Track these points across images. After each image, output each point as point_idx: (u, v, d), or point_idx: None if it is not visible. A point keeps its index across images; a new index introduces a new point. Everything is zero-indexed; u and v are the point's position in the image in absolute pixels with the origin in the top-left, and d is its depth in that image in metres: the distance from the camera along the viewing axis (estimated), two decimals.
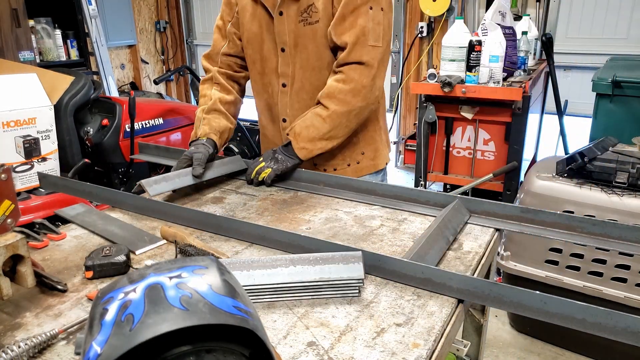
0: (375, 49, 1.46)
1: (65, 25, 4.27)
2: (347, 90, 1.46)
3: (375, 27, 1.45)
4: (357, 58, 1.45)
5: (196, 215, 1.27)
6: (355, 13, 1.43)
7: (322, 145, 1.52)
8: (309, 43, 1.51)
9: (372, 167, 1.71)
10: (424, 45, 4.57)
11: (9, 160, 2.11)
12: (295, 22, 1.50)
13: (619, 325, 0.83)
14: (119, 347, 0.51)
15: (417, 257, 1.03)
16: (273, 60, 1.59)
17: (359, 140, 1.66)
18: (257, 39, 1.59)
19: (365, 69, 1.45)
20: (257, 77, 1.67)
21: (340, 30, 1.45)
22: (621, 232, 1.17)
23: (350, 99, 1.47)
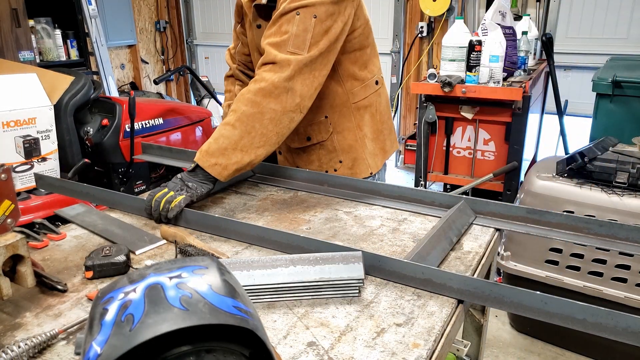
0: (295, 55, 1.34)
1: (65, 25, 4.28)
2: (257, 89, 1.32)
3: (300, 33, 1.33)
4: (270, 59, 1.34)
5: (195, 216, 1.27)
6: (282, 19, 1.36)
7: (238, 158, 1.31)
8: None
9: (350, 175, 1.63)
10: (424, 45, 4.57)
11: (9, 160, 2.10)
12: None
13: (620, 326, 0.83)
14: (119, 347, 0.50)
15: (418, 258, 1.03)
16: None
17: (335, 148, 1.61)
18: (252, 45, 1.64)
19: (277, 67, 1.33)
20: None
21: (267, 34, 1.40)
22: (628, 234, 1.17)
23: (260, 100, 1.32)
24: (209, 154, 1.32)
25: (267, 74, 1.33)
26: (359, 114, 1.60)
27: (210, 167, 1.31)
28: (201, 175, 1.33)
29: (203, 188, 1.32)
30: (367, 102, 1.61)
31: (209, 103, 4.46)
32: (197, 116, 3.44)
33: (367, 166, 1.66)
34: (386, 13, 4.68)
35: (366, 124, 1.63)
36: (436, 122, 3.09)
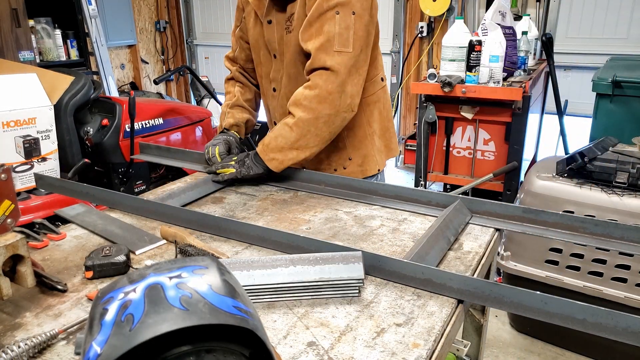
0: (342, 55, 1.39)
1: (65, 25, 4.28)
2: (312, 96, 1.40)
3: (343, 31, 1.38)
4: (321, 64, 1.39)
5: (195, 216, 1.27)
6: (321, 19, 1.38)
7: (293, 155, 1.46)
8: (291, 51, 1.53)
9: (360, 173, 1.66)
10: (424, 45, 4.57)
11: (9, 160, 2.10)
12: (282, 30, 1.52)
13: (620, 326, 0.83)
14: (119, 347, 0.50)
15: (417, 258, 1.03)
16: (268, 65, 1.64)
17: (346, 146, 1.63)
18: (256, 45, 1.64)
19: (330, 74, 1.39)
20: (260, 80, 1.74)
21: (306, 36, 1.42)
22: (623, 233, 1.17)
23: (315, 106, 1.40)
24: (269, 149, 1.47)
25: (320, 80, 1.40)
26: (368, 110, 1.62)
27: (268, 160, 1.48)
28: (261, 161, 1.50)
29: (252, 170, 1.50)
30: (376, 97, 1.63)
31: (209, 103, 4.47)
32: (197, 116, 3.45)
33: (376, 163, 1.68)
34: (386, 13, 4.67)
35: (375, 120, 1.65)
36: (436, 122, 3.09)
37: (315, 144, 1.46)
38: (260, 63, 1.67)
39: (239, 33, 1.73)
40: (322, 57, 1.39)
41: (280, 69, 1.59)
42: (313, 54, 1.40)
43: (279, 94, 1.64)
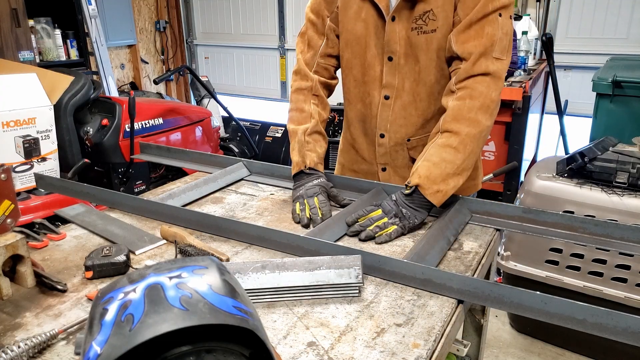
0: (501, 62, 1.27)
1: (65, 25, 4.27)
2: (478, 106, 1.24)
3: (503, 37, 1.26)
4: (483, 69, 1.25)
5: (195, 216, 1.27)
6: (484, 20, 1.25)
7: (455, 182, 1.24)
8: (421, 54, 1.34)
9: (473, 187, 1.53)
10: None
11: (9, 160, 2.10)
12: (407, 29, 1.33)
13: (620, 326, 0.83)
14: (119, 347, 0.50)
15: (417, 258, 1.03)
16: (377, 68, 1.41)
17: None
18: (360, 42, 1.41)
19: (492, 81, 1.26)
20: (353, 84, 1.48)
21: (464, 38, 1.26)
22: (623, 233, 1.17)
23: (480, 117, 1.24)
24: (431, 180, 1.22)
25: (482, 86, 1.26)
26: None
27: (432, 194, 1.23)
28: (417, 201, 1.24)
29: (417, 218, 1.23)
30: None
31: (209, 103, 4.47)
32: (197, 116, 3.45)
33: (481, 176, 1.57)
34: None
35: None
36: None
37: (472, 164, 1.28)
38: (362, 64, 1.43)
39: (332, 25, 1.45)
40: (484, 62, 1.25)
41: (397, 73, 1.38)
42: (474, 57, 1.25)
43: (393, 102, 1.42)
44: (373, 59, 1.40)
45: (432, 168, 1.23)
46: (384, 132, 1.47)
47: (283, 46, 5.27)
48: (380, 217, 1.23)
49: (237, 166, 1.65)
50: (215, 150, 3.60)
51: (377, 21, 1.36)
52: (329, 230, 1.20)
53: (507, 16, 1.28)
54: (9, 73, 2.31)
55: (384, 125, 1.46)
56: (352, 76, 1.47)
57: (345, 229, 1.24)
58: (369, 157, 1.55)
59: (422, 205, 1.24)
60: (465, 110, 1.25)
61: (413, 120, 1.42)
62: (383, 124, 1.46)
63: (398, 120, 1.44)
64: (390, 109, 1.43)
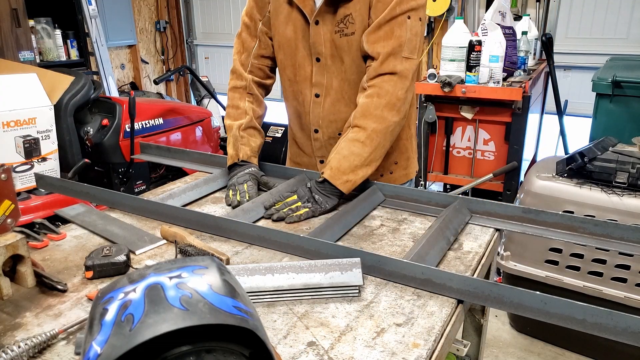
0: (410, 61, 1.36)
1: (65, 25, 4.27)
2: (384, 104, 1.34)
3: (412, 38, 1.35)
4: (390, 69, 1.34)
5: (195, 216, 1.27)
6: (392, 22, 1.33)
7: (364, 172, 1.36)
8: (345, 55, 1.43)
9: (405, 177, 1.64)
10: (424, 45, 4.57)
11: (9, 160, 2.10)
12: (331, 32, 1.41)
13: (619, 326, 0.83)
14: (119, 347, 0.51)
15: (417, 258, 1.03)
16: (307, 68, 1.50)
17: (393, 150, 1.55)
18: (290, 45, 1.49)
19: (399, 80, 1.35)
20: (287, 83, 1.58)
21: (374, 38, 1.35)
22: (623, 233, 1.17)
23: (386, 115, 1.35)
24: (341, 171, 1.34)
25: (389, 85, 1.34)
26: (409, 111, 1.56)
27: (342, 184, 1.34)
28: (329, 189, 1.35)
29: (328, 203, 1.34)
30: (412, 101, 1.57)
31: (209, 103, 4.47)
32: (197, 116, 3.45)
33: (415, 166, 1.68)
34: None
35: (412, 122, 1.65)
36: (436, 122, 3.09)
37: (380, 156, 1.39)
38: (293, 65, 1.52)
39: (264, 29, 1.54)
40: (392, 61, 1.34)
41: (325, 73, 1.47)
42: (382, 57, 1.34)
43: (323, 99, 1.51)
44: (303, 60, 1.49)
45: (342, 160, 1.34)
46: (317, 127, 1.57)
47: None
48: (294, 202, 1.34)
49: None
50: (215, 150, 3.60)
51: (303, 25, 1.45)
52: (329, 230, 1.20)
53: (417, 18, 1.36)
54: (9, 73, 2.31)
55: (317, 122, 1.56)
56: (286, 76, 1.56)
57: (344, 229, 1.25)
58: (307, 150, 1.66)
59: (333, 192, 1.36)
60: (372, 107, 1.35)
61: (343, 116, 1.50)
62: (315, 120, 1.55)
63: (329, 117, 1.53)
64: (321, 106, 1.52)
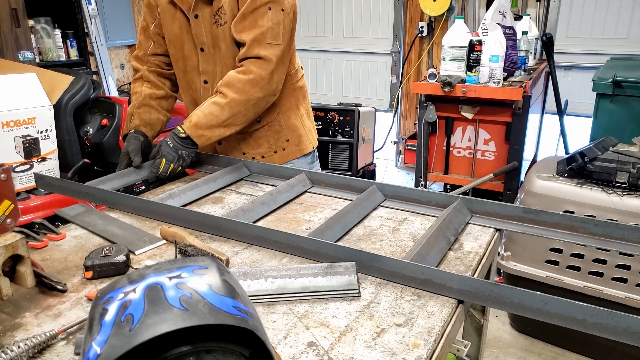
0: (274, 47, 1.55)
1: (64, 25, 4.27)
2: (246, 80, 1.54)
3: (274, 26, 1.54)
4: (255, 53, 1.54)
5: (195, 216, 1.27)
6: (255, 13, 1.52)
7: (220, 132, 1.59)
8: (221, 43, 1.61)
9: (298, 152, 1.83)
10: (424, 45, 4.57)
11: (9, 160, 2.10)
12: (210, 24, 1.59)
13: (620, 326, 0.82)
14: (118, 347, 0.50)
15: (417, 258, 1.03)
16: (194, 59, 1.68)
17: (282, 129, 1.77)
18: (178, 40, 1.68)
19: (263, 62, 1.55)
20: (181, 74, 1.76)
21: (240, 28, 1.55)
22: (623, 233, 1.17)
23: (249, 89, 1.55)
24: (198, 126, 1.56)
25: (254, 67, 1.55)
26: (295, 94, 1.79)
27: (197, 137, 1.57)
28: (189, 142, 1.58)
29: (190, 156, 1.61)
30: (301, 83, 1.82)
31: None
32: None
33: (310, 141, 1.86)
34: (386, 13, 4.67)
35: (301, 103, 1.83)
36: (436, 122, 3.09)
37: (241, 122, 1.61)
38: (183, 57, 1.70)
39: (155, 29, 1.75)
40: (256, 47, 1.54)
41: (210, 61, 1.66)
42: (248, 44, 1.54)
43: (211, 85, 1.69)
44: (190, 52, 1.68)
45: (202, 118, 1.56)
46: None
47: None
48: (168, 168, 1.57)
49: (237, 166, 1.65)
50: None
51: (186, 20, 1.63)
52: (329, 231, 1.20)
53: (278, 10, 1.55)
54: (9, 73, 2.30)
55: None
56: (179, 68, 1.75)
57: (344, 229, 1.25)
58: None
59: (193, 144, 1.59)
60: (236, 80, 1.55)
61: None
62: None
63: None
64: (210, 92, 1.69)
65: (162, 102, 1.80)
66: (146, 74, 1.79)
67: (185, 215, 1.28)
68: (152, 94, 1.77)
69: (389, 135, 4.66)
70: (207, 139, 1.59)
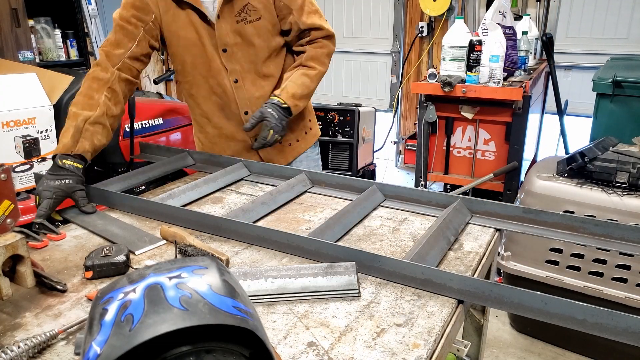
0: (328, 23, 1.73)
1: (65, 25, 4.27)
2: (326, 53, 1.72)
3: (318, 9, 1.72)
4: (326, 33, 1.71)
5: (195, 216, 1.27)
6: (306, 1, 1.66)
7: (304, 103, 1.71)
8: (254, 39, 1.64)
9: (314, 136, 1.94)
10: (424, 45, 4.57)
11: (9, 160, 2.10)
12: (233, 23, 1.60)
13: (620, 326, 0.83)
14: (118, 347, 0.50)
15: (417, 258, 1.03)
16: (216, 61, 1.65)
17: (305, 110, 1.84)
18: (196, 45, 1.63)
19: (332, 38, 1.74)
20: (201, 80, 1.69)
21: (306, 16, 1.66)
22: (623, 233, 1.17)
23: (327, 61, 1.74)
24: (295, 97, 1.65)
25: (327, 42, 1.72)
26: None
27: (294, 107, 1.65)
28: (288, 111, 1.65)
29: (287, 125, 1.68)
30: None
31: None
32: None
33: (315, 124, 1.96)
34: (386, 13, 4.67)
35: None
36: (436, 122, 3.09)
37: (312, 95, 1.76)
38: (203, 62, 1.64)
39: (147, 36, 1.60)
40: (326, 26, 1.71)
41: (235, 59, 1.66)
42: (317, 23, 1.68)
43: (243, 83, 1.69)
44: (211, 54, 1.65)
45: (297, 88, 1.65)
46: (247, 109, 1.72)
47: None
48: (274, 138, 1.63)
49: (237, 166, 1.65)
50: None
51: (204, 23, 1.61)
52: (329, 231, 1.20)
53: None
54: (9, 73, 2.30)
55: (245, 104, 1.72)
56: (199, 73, 1.69)
57: (344, 229, 1.25)
58: (240, 136, 1.78)
59: (289, 114, 1.66)
60: (319, 54, 1.71)
61: (266, 90, 1.73)
62: (243, 102, 1.72)
63: (254, 95, 1.72)
64: (244, 89, 1.70)
65: (114, 122, 1.54)
66: (114, 81, 1.54)
67: (185, 215, 1.28)
68: (108, 110, 1.50)
69: (389, 135, 4.66)
70: (299, 109, 1.69)
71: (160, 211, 1.32)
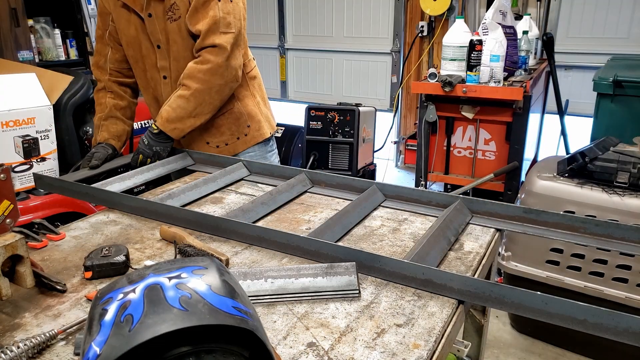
0: (227, 35, 1.65)
1: (64, 24, 4.27)
2: (205, 69, 1.64)
3: (225, 16, 1.64)
4: (210, 42, 1.63)
5: (195, 216, 1.26)
6: (205, 5, 1.62)
7: (191, 122, 1.68)
8: (177, 37, 1.69)
9: (259, 137, 1.92)
10: (424, 45, 4.57)
11: (8, 160, 2.10)
12: (163, 21, 1.67)
13: (620, 326, 0.82)
14: (118, 347, 0.50)
15: (418, 258, 1.03)
16: (152, 57, 1.76)
17: (242, 115, 1.86)
18: (135, 41, 1.75)
19: (219, 50, 1.64)
20: (141, 74, 1.84)
21: (194, 20, 1.64)
22: (624, 233, 1.17)
23: (209, 77, 1.64)
24: (169, 121, 1.66)
25: (210, 56, 1.64)
26: (251, 84, 1.89)
27: (170, 131, 1.68)
28: (163, 136, 1.69)
29: (165, 151, 1.71)
30: (254, 73, 1.91)
31: None
32: None
33: (268, 127, 1.96)
34: (386, 12, 4.67)
35: (257, 91, 1.93)
36: (437, 121, 3.09)
37: (209, 110, 1.71)
38: (141, 57, 1.77)
39: (111, 36, 1.81)
40: (211, 36, 1.63)
41: (166, 57, 1.73)
42: (203, 34, 1.63)
43: (170, 80, 1.77)
44: (147, 50, 1.75)
45: (171, 112, 1.66)
46: None
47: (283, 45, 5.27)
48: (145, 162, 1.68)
49: (237, 166, 1.65)
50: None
51: (140, 21, 1.70)
52: (329, 231, 1.20)
53: (227, 1, 1.65)
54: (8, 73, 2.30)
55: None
56: (139, 68, 1.82)
57: (344, 229, 1.25)
58: None
59: (167, 139, 1.70)
60: (196, 71, 1.64)
61: None
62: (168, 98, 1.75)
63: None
64: (169, 86, 1.78)
65: (126, 111, 1.88)
66: (109, 85, 1.85)
67: (185, 215, 1.28)
68: (115, 104, 1.84)
69: (389, 135, 4.66)
70: (181, 130, 1.68)
71: (160, 211, 1.32)
